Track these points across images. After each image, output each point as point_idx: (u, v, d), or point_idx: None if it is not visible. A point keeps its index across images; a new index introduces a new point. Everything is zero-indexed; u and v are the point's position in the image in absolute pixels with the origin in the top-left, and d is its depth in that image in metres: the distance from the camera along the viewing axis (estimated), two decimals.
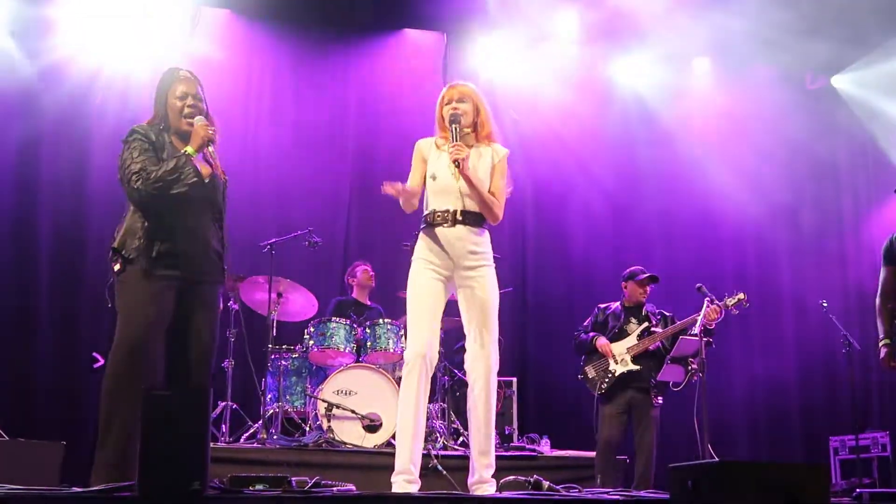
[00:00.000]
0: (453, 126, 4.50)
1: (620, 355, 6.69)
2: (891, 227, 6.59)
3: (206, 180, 4.18)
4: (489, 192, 4.52)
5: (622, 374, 6.67)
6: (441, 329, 7.34)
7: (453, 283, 4.51)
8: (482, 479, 4.36)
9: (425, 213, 4.56)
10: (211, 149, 4.20)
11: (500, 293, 7.75)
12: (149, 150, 4.11)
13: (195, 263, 4.16)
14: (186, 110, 4.22)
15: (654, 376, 6.67)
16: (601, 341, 6.77)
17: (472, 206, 4.48)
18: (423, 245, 4.52)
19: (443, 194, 4.49)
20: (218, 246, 4.28)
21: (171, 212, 4.10)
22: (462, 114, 4.56)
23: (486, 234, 4.56)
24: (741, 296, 6.60)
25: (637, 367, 6.65)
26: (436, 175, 4.52)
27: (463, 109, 4.57)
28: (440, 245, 4.45)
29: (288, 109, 9.35)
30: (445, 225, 4.46)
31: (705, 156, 10.11)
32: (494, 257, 7.43)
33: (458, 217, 4.46)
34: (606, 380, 6.69)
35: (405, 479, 4.31)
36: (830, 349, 8.56)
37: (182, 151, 4.12)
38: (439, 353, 7.27)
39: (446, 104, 4.62)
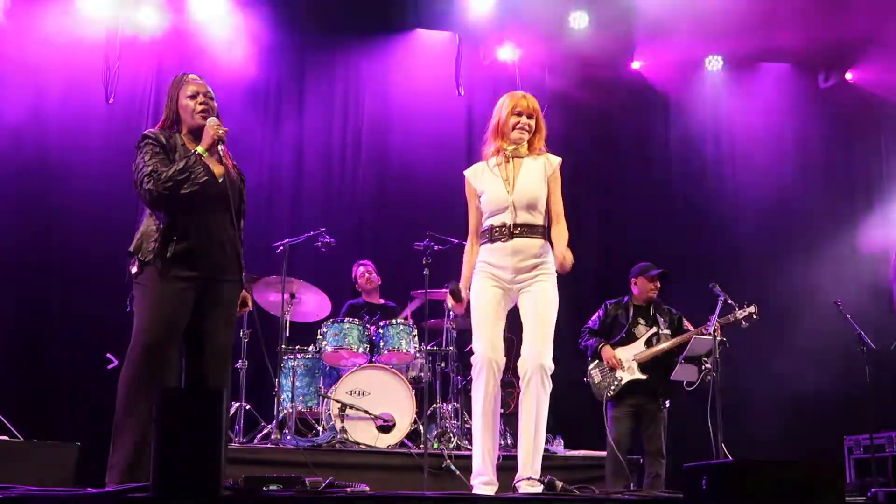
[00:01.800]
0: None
1: (627, 362, 6.65)
2: None
3: (220, 179, 4.19)
4: (549, 205, 4.66)
5: (629, 382, 6.64)
6: (454, 329, 7.40)
7: (513, 293, 4.59)
8: (521, 476, 4.40)
9: (483, 229, 4.66)
10: (221, 147, 4.22)
11: None
12: (160, 153, 4.14)
13: (212, 262, 4.16)
14: (199, 108, 4.25)
15: (661, 385, 6.64)
16: (607, 353, 6.71)
17: (525, 217, 4.56)
18: (483, 257, 4.62)
19: (497, 212, 4.58)
20: (236, 244, 4.28)
21: (185, 212, 4.11)
22: (528, 130, 4.65)
23: (545, 242, 4.62)
24: (752, 309, 6.50)
25: (644, 377, 6.61)
26: (486, 191, 4.62)
27: (529, 125, 4.66)
28: (498, 259, 4.55)
29: (300, 110, 9.37)
30: (502, 240, 4.55)
31: (719, 154, 10.11)
32: None
33: (514, 231, 4.54)
34: (613, 387, 6.64)
35: (482, 482, 4.41)
36: (845, 348, 8.50)
37: (193, 151, 4.15)
38: (453, 352, 7.32)
39: (515, 114, 4.66)
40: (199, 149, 4.16)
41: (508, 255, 4.53)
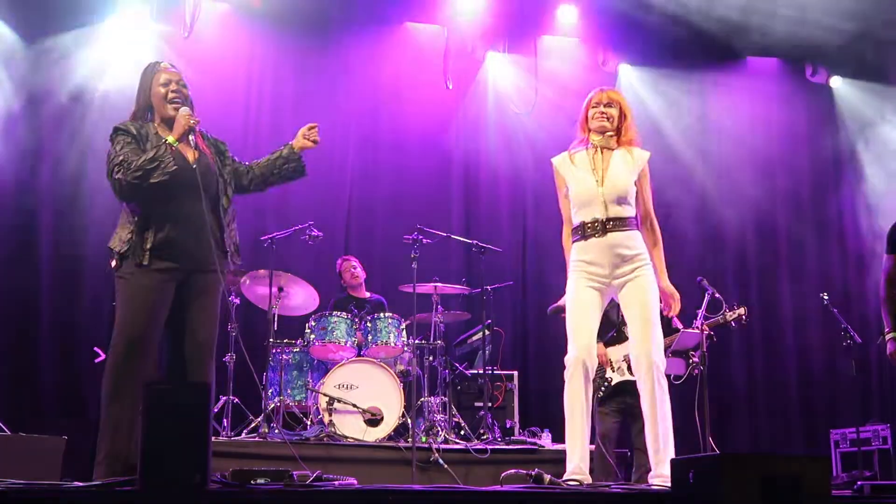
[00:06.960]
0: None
1: (617, 363, 6.61)
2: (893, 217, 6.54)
3: (194, 165, 4.17)
4: (642, 200, 4.67)
5: (618, 383, 6.60)
6: (441, 323, 7.40)
7: (612, 288, 4.60)
8: (658, 474, 4.45)
9: (574, 225, 4.65)
10: (192, 137, 4.19)
11: (501, 287, 7.71)
12: (132, 143, 4.12)
13: (191, 253, 4.13)
14: (171, 95, 4.24)
15: None
16: (598, 350, 6.66)
17: (616, 211, 4.56)
18: (577, 256, 4.63)
19: (586, 205, 4.58)
20: (216, 233, 4.24)
21: (160, 202, 4.08)
22: (609, 118, 4.65)
23: (637, 232, 4.63)
24: (741, 311, 6.48)
25: (633, 378, 6.57)
26: (573, 185, 4.63)
27: (610, 114, 4.67)
28: (595, 256, 4.56)
29: (288, 102, 9.34)
30: (596, 236, 4.55)
31: (705, 148, 10.12)
32: (495, 251, 7.37)
33: (607, 225, 4.54)
34: (602, 388, 6.54)
35: (578, 482, 4.42)
36: (831, 342, 8.54)
37: (163, 141, 4.13)
38: (440, 346, 7.32)
39: (593, 107, 4.71)
40: (170, 139, 4.13)
41: (605, 250, 4.54)
